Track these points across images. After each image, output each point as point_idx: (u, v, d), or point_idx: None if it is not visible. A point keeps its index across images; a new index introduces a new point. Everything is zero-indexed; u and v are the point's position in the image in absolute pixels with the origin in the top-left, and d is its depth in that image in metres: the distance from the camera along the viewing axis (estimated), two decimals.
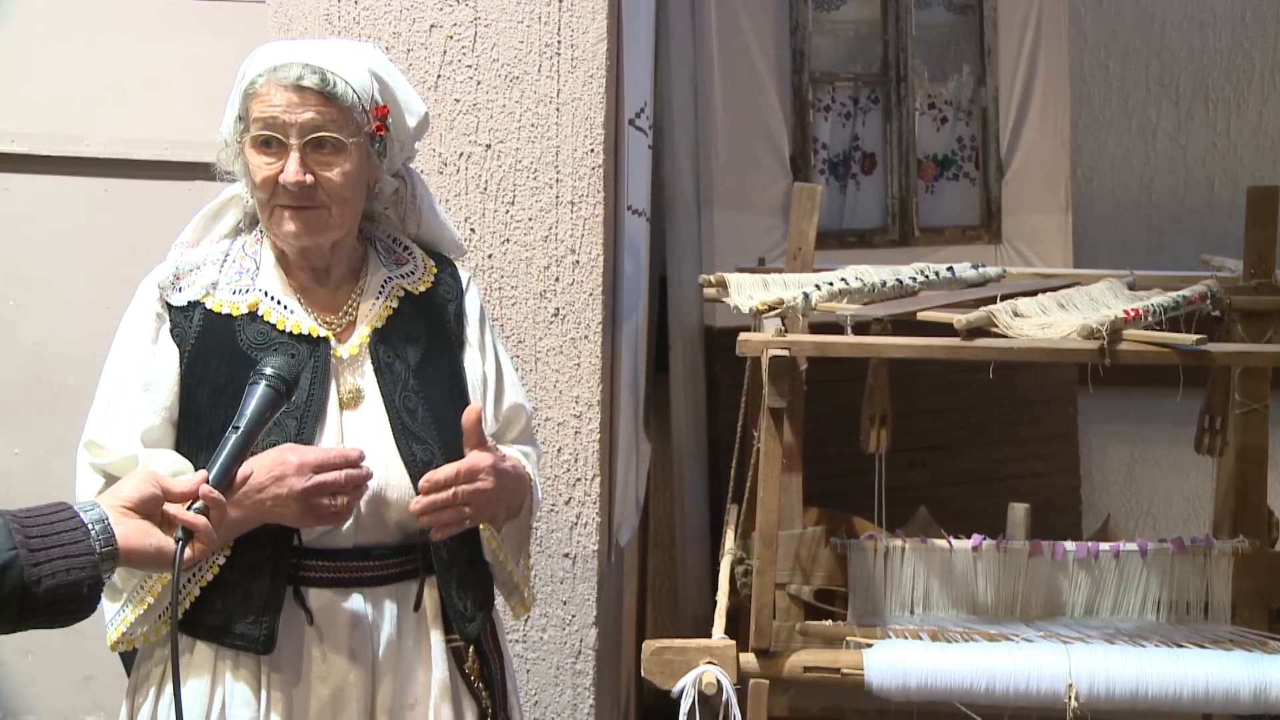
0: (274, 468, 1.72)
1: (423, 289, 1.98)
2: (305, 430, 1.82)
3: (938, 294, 2.64)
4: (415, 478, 1.86)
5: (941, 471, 4.02)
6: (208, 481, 1.56)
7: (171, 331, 1.87)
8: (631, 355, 3.01)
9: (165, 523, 1.54)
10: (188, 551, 1.53)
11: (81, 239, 2.91)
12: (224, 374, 1.82)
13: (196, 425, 1.83)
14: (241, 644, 1.82)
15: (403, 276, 1.98)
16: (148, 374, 1.85)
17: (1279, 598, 2.52)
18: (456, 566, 1.92)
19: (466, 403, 1.96)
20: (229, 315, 1.86)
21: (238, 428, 1.61)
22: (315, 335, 1.87)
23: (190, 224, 1.95)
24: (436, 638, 1.91)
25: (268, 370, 1.65)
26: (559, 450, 2.49)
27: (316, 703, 1.85)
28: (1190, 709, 2.05)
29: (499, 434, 2.04)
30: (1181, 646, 2.12)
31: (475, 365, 2.00)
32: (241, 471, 1.70)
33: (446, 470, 1.84)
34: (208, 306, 1.87)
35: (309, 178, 1.82)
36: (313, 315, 1.90)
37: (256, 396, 1.63)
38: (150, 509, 1.53)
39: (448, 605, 1.92)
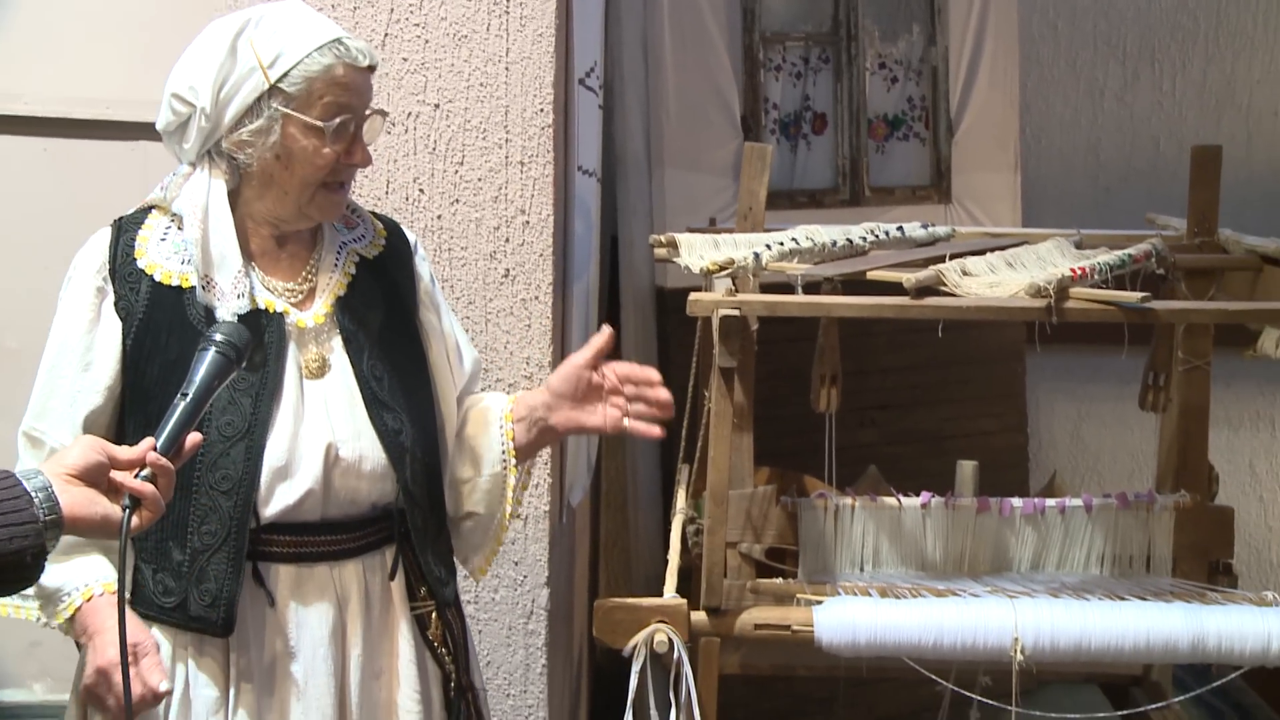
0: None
1: (375, 253, 1.97)
2: (261, 407, 1.80)
3: (887, 253, 2.66)
4: (387, 448, 1.85)
5: (891, 430, 4.05)
6: (155, 449, 1.55)
7: (116, 305, 1.82)
8: (582, 316, 3.01)
9: (112, 490, 1.52)
10: (135, 520, 1.51)
11: (20, 200, 2.87)
12: (174, 349, 1.78)
13: (145, 402, 1.80)
14: (199, 627, 1.80)
15: (356, 241, 1.96)
16: (89, 353, 1.81)
17: (1218, 551, 2.58)
18: (429, 531, 1.93)
19: (425, 369, 1.96)
20: (178, 287, 1.83)
21: (186, 394, 1.59)
22: (272, 309, 1.85)
23: (158, 188, 1.89)
24: (402, 606, 1.91)
25: (217, 336, 1.64)
26: None
27: (284, 679, 1.84)
28: (1132, 660, 2.10)
29: (466, 391, 2.04)
30: (1123, 599, 2.17)
31: (433, 326, 1.99)
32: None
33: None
34: (156, 278, 1.83)
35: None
36: (269, 284, 1.87)
37: (206, 363, 1.62)
38: (96, 476, 1.51)
39: (425, 571, 1.92)
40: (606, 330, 1.97)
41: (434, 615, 1.94)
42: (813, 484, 2.71)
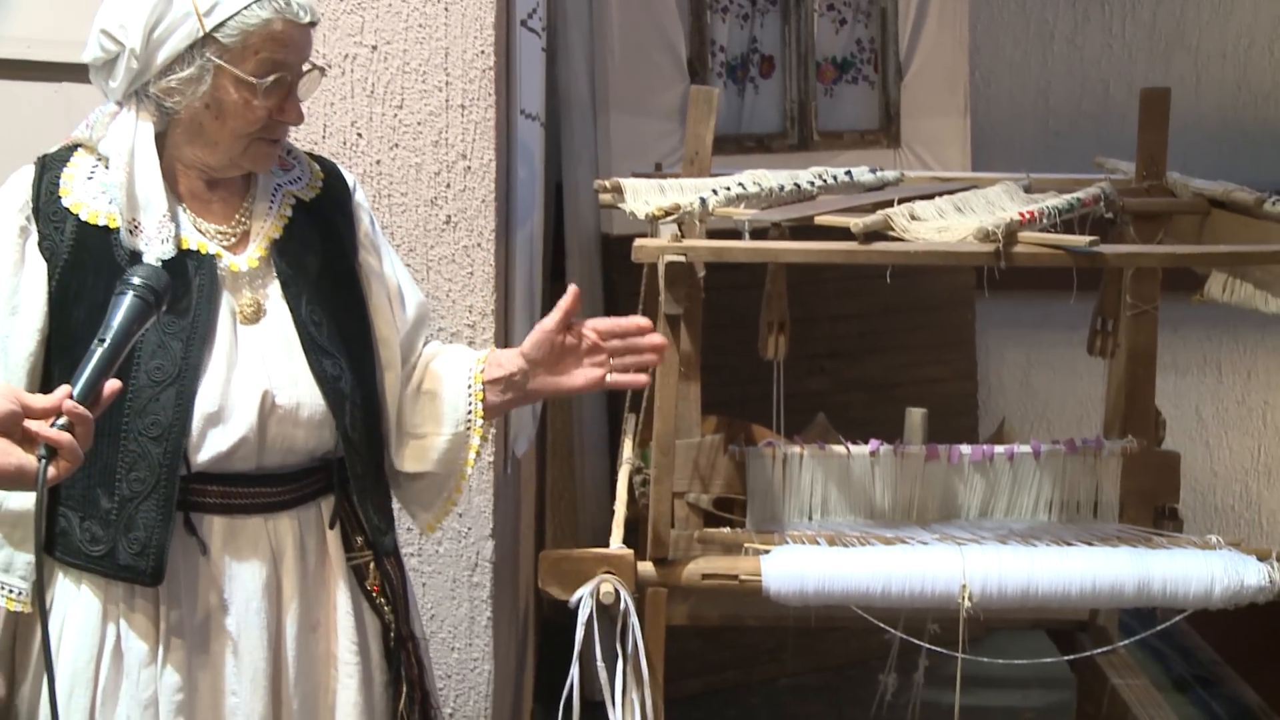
0: None
1: (312, 195, 1.94)
2: (193, 352, 1.77)
3: (836, 198, 2.66)
4: (327, 395, 1.83)
5: (840, 378, 4.07)
6: (72, 396, 1.52)
7: (40, 245, 1.79)
8: (526, 263, 2.99)
9: (26, 440, 1.49)
10: (51, 470, 1.49)
11: None
12: (101, 292, 1.74)
13: (71, 347, 1.76)
14: (128, 576, 1.78)
15: (292, 183, 1.93)
16: (15, 296, 1.77)
17: (1164, 496, 2.62)
18: (368, 480, 1.92)
19: (365, 313, 1.94)
20: (105, 227, 1.79)
21: (103, 340, 1.56)
22: (203, 251, 1.82)
23: (84, 125, 1.85)
24: (338, 556, 1.90)
25: (135, 280, 1.60)
26: None
27: (218, 632, 1.83)
28: (1078, 605, 2.13)
29: (412, 336, 2.02)
30: (1070, 545, 2.20)
31: (373, 269, 1.97)
32: None
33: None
34: (81, 217, 1.79)
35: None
36: (200, 226, 1.84)
37: (123, 307, 1.58)
38: (9, 426, 1.48)
39: (363, 521, 1.91)
40: (573, 290, 1.94)
41: (371, 565, 1.93)
42: (761, 433, 2.72)
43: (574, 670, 1.98)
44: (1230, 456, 4.85)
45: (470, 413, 1.96)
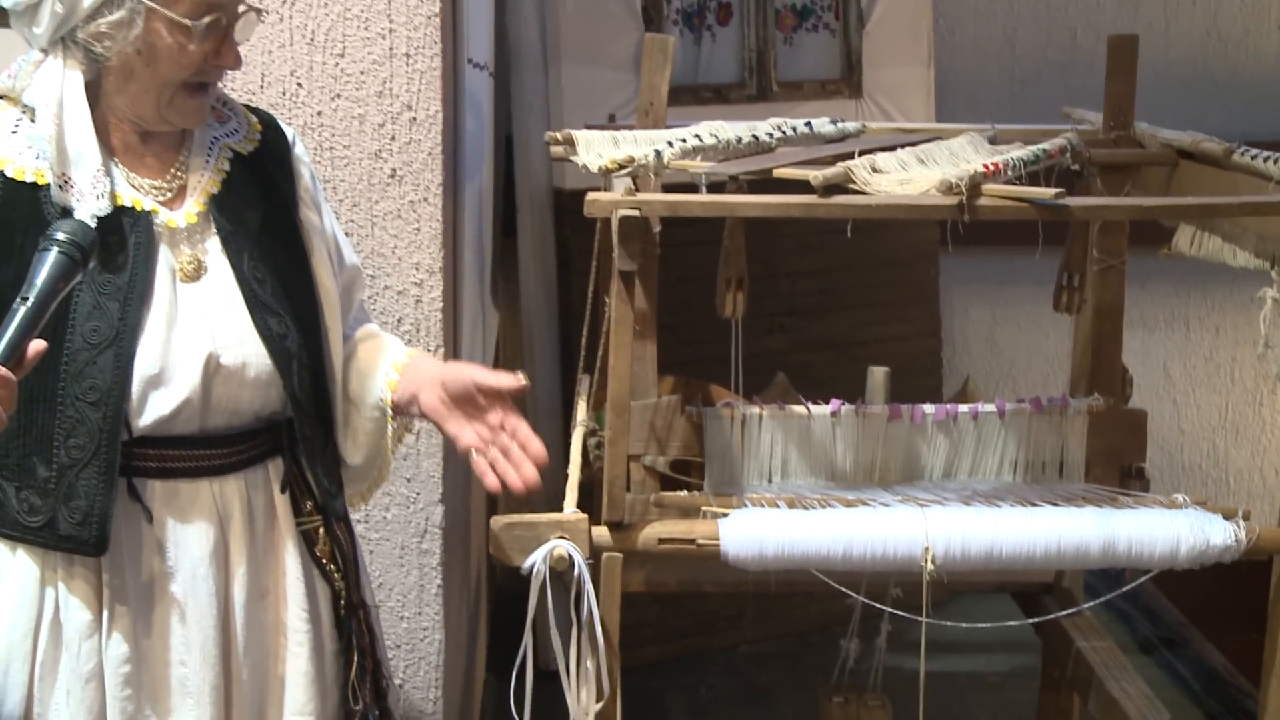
0: None
1: (250, 148, 1.92)
2: (130, 312, 1.75)
3: (795, 150, 2.66)
4: (273, 353, 1.83)
5: (800, 336, 4.09)
6: None
7: None
8: (475, 219, 2.98)
9: None
10: None
11: None
12: (30, 251, 1.73)
13: (1, 309, 1.75)
14: (69, 547, 1.77)
15: (228, 135, 1.91)
16: None
17: (1131, 455, 2.65)
18: (317, 441, 1.92)
19: (309, 270, 1.93)
20: (33, 184, 1.76)
21: (26, 299, 1.54)
22: (138, 207, 1.80)
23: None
24: (287, 521, 1.91)
25: (59, 235, 1.58)
26: (399, 321, 2.47)
27: (163, 600, 1.82)
28: (1043, 566, 2.16)
29: (344, 298, 2.02)
30: (1035, 506, 2.22)
31: (315, 225, 1.96)
32: None
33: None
34: (8, 174, 1.76)
35: None
36: (134, 181, 1.82)
37: (47, 264, 1.57)
38: None
39: (312, 484, 1.91)
40: (523, 381, 1.92)
41: (321, 531, 1.93)
42: (719, 393, 2.73)
43: (527, 639, 2.00)
44: (1198, 414, 4.92)
45: (380, 400, 1.99)
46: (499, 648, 3.81)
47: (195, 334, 1.80)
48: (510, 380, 1.92)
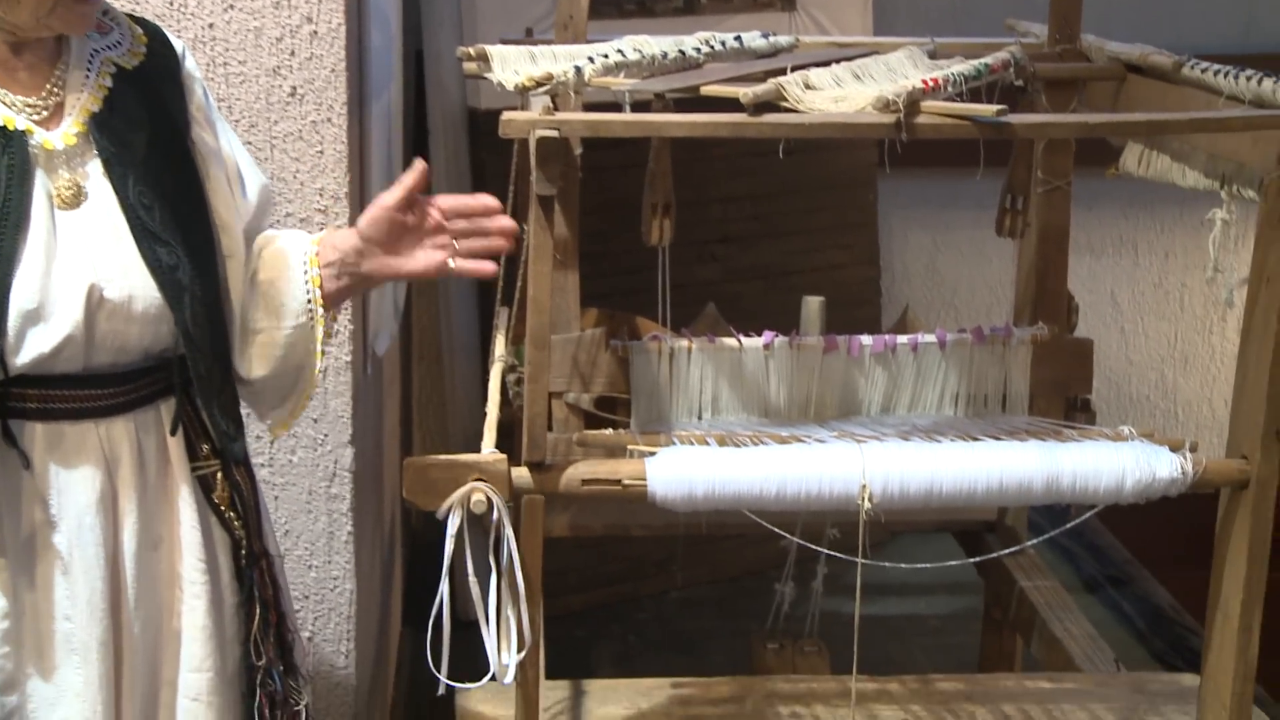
0: None
1: (135, 63, 1.88)
2: (4, 241, 1.71)
3: (724, 67, 2.64)
4: (162, 286, 1.79)
5: (731, 265, 4.09)
6: None
7: None
8: (384, 140, 2.94)
9: None
10: None
11: None
12: None
13: None
14: None
15: (110, 48, 1.87)
16: None
17: (1076, 385, 2.68)
18: (213, 380, 1.89)
19: (201, 196, 1.90)
20: None
21: None
22: (10, 127, 1.75)
23: None
24: (182, 465, 1.88)
25: None
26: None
27: (46, 551, 1.80)
28: (985, 503, 2.17)
29: (256, 222, 1.99)
30: (977, 440, 2.24)
31: (209, 146, 1.92)
32: None
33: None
34: None
35: None
36: (6, 99, 1.77)
37: None
38: None
39: (209, 426, 1.89)
40: (419, 165, 1.93)
41: (219, 476, 1.91)
42: (645, 326, 2.72)
43: (444, 587, 1.99)
44: (1146, 343, 4.99)
45: (310, 300, 1.94)
46: (415, 597, 3.81)
47: (76, 265, 1.76)
48: (414, 174, 1.92)
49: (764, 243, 4.16)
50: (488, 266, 1.97)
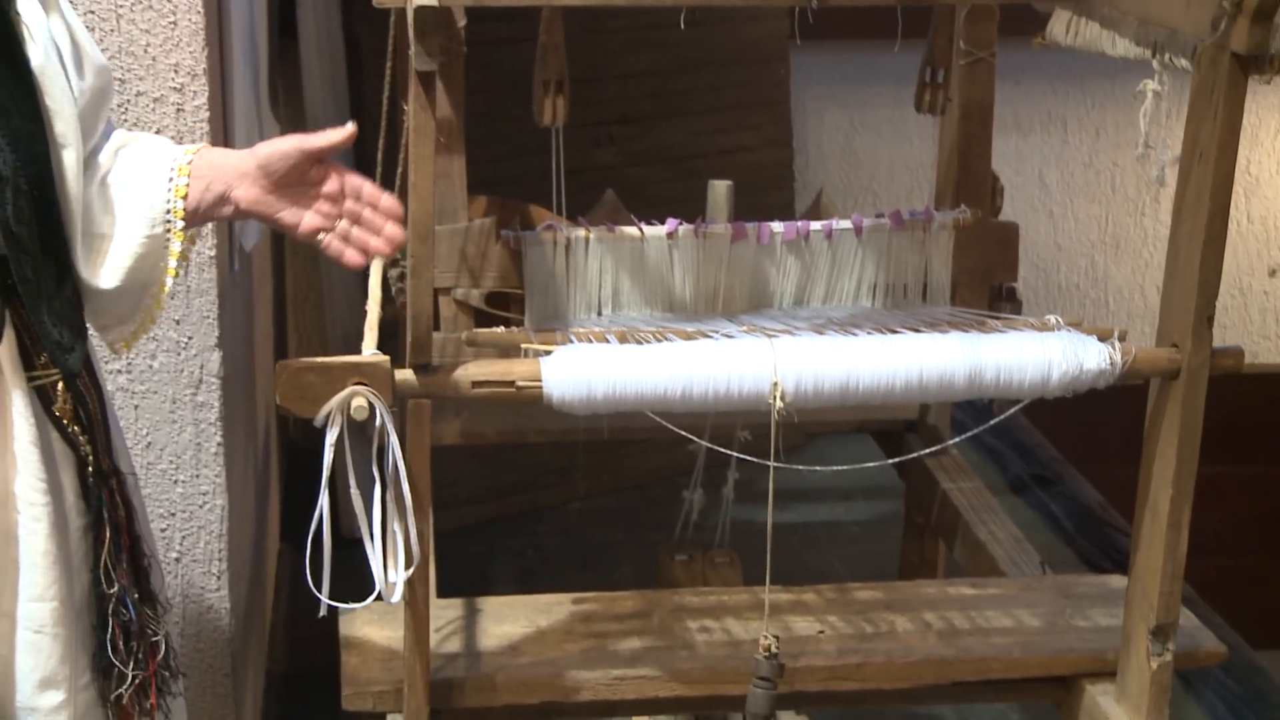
0: None
1: None
2: None
3: None
4: None
5: (632, 148, 4.08)
6: None
7: None
8: (245, 11, 2.89)
9: None
10: None
11: None
12: None
13: None
14: None
15: None
16: None
17: (1001, 273, 2.72)
18: (43, 284, 1.85)
19: (27, 76, 1.84)
20: None
21: None
22: None
23: None
24: (16, 376, 1.85)
25: None
26: (157, 134, 2.39)
27: None
28: (904, 400, 2.20)
29: (94, 108, 1.93)
30: (896, 333, 2.26)
31: (37, 20, 1.86)
32: None
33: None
34: None
35: None
36: None
37: None
38: None
39: (40, 333, 1.85)
40: (350, 129, 1.91)
41: (60, 387, 1.88)
42: (539, 214, 2.72)
43: (323, 500, 1.98)
44: (1076, 227, 5.07)
45: (169, 211, 1.91)
46: (294, 513, 3.81)
47: None
48: (343, 132, 1.91)
49: (666, 123, 4.15)
50: (357, 258, 1.96)
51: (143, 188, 1.91)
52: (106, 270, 1.92)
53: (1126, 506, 2.41)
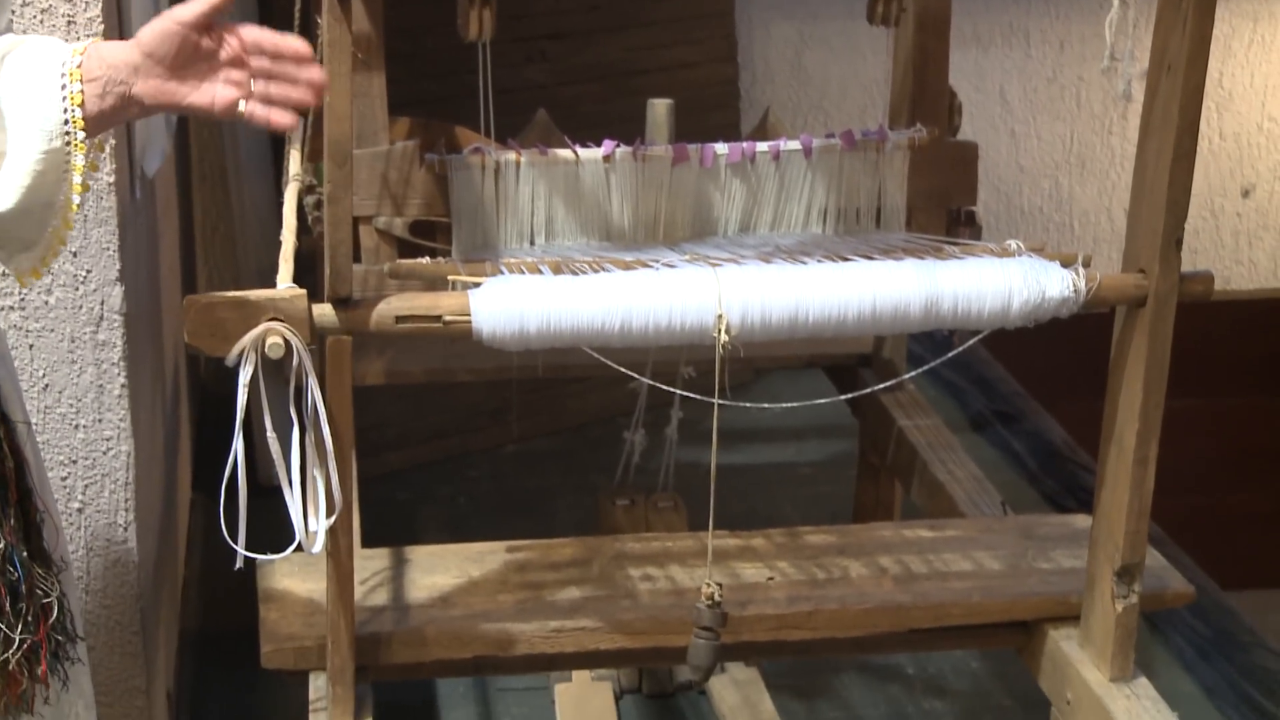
0: None
1: None
2: None
3: None
4: None
5: (565, 65, 4.06)
6: None
7: None
8: None
9: None
10: None
11: None
12: None
13: None
14: None
15: None
16: None
17: (959, 196, 2.73)
18: None
19: None
20: None
21: None
22: None
23: None
24: None
25: None
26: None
27: None
28: (857, 332, 2.21)
29: None
30: (848, 261, 2.27)
31: None
32: None
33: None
34: None
35: None
36: None
37: None
38: None
39: None
40: None
41: None
42: (466, 136, 2.70)
43: (237, 445, 1.97)
44: (1039, 147, 5.09)
45: (68, 121, 1.87)
46: (208, 459, 3.79)
47: None
48: None
49: (602, 38, 4.12)
50: (287, 118, 1.89)
51: (34, 98, 1.86)
52: (3, 190, 1.89)
53: (1093, 443, 2.43)
